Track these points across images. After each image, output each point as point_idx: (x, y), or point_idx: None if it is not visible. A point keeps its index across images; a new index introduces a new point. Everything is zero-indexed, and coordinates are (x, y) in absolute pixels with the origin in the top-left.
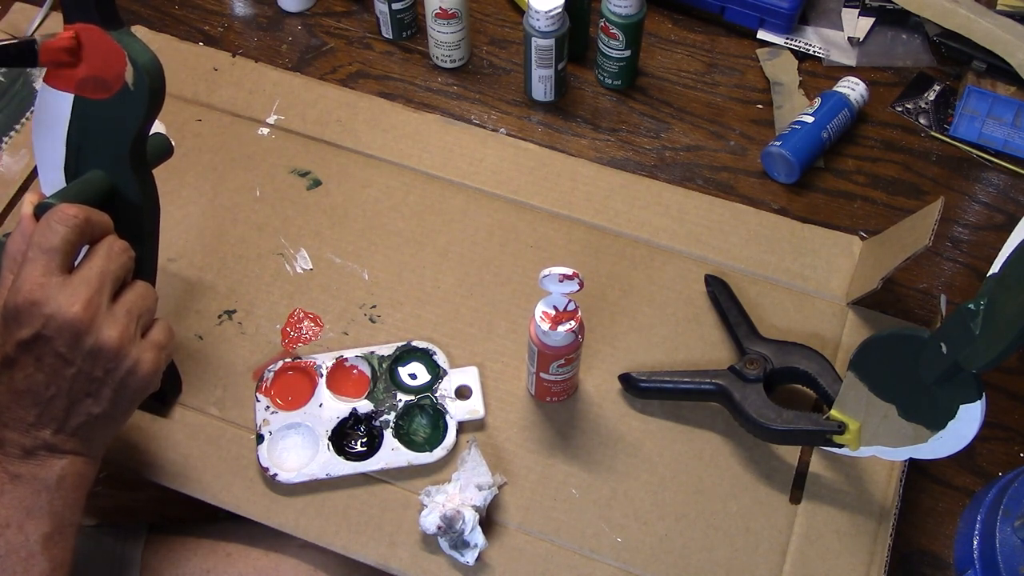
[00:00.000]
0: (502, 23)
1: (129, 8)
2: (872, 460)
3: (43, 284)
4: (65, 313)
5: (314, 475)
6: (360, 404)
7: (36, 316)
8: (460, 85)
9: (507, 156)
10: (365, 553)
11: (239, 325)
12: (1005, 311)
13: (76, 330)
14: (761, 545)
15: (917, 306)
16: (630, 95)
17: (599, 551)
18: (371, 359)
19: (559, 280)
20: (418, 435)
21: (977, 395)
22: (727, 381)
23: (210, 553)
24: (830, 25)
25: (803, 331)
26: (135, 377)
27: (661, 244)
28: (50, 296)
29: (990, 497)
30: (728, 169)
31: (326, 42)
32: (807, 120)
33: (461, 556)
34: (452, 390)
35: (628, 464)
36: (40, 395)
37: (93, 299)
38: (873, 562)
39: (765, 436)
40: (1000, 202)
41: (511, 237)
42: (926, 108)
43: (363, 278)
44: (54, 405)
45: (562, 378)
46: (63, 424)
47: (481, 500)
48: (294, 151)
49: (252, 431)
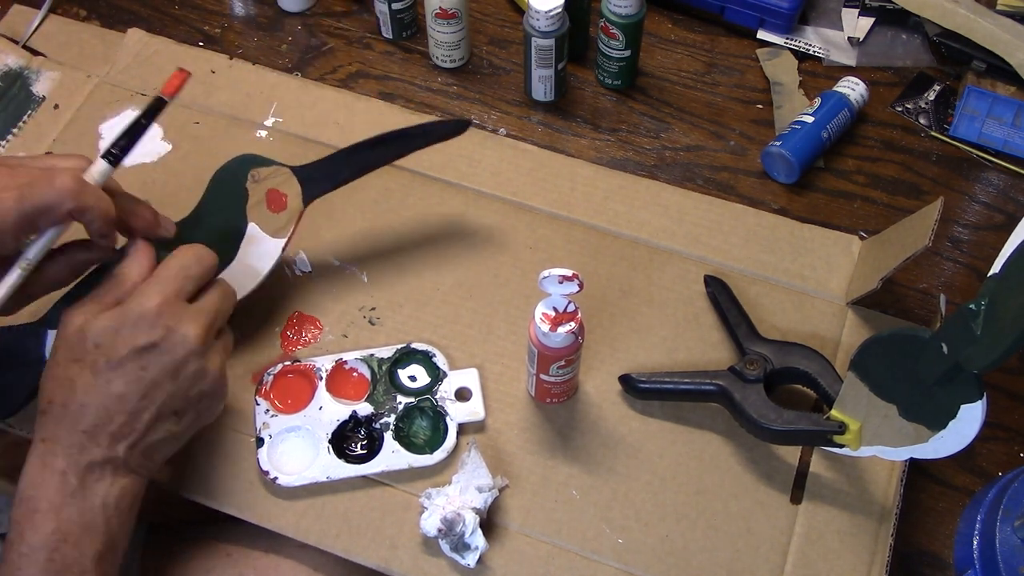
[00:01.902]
0: (502, 23)
1: (129, 8)
2: (872, 460)
3: (172, 303)
4: (186, 333)
5: (314, 478)
6: (360, 407)
7: (158, 327)
8: (460, 85)
9: (506, 157)
10: (366, 556)
11: (237, 328)
12: (1006, 311)
13: (189, 351)
14: (762, 545)
15: (917, 306)
16: (630, 95)
17: (600, 552)
18: (371, 361)
19: (559, 281)
20: (418, 437)
21: (978, 395)
22: (727, 382)
23: (210, 553)
24: (830, 25)
25: (803, 331)
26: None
27: (660, 245)
28: (175, 314)
29: (990, 497)
30: (728, 169)
31: (326, 42)
32: (807, 120)
33: (462, 558)
34: (452, 392)
35: (629, 465)
36: (132, 404)
37: (209, 330)
38: (874, 562)
39: (765, 436)
40: (1000, 202)
41: (510, 238)
42: (926, 108)
43: (362, 280)
44: (140, 418)
45: (562, 379)
46: (140, 439)
47: (481, 502)
48: (292, 153)
49: (252, 434)
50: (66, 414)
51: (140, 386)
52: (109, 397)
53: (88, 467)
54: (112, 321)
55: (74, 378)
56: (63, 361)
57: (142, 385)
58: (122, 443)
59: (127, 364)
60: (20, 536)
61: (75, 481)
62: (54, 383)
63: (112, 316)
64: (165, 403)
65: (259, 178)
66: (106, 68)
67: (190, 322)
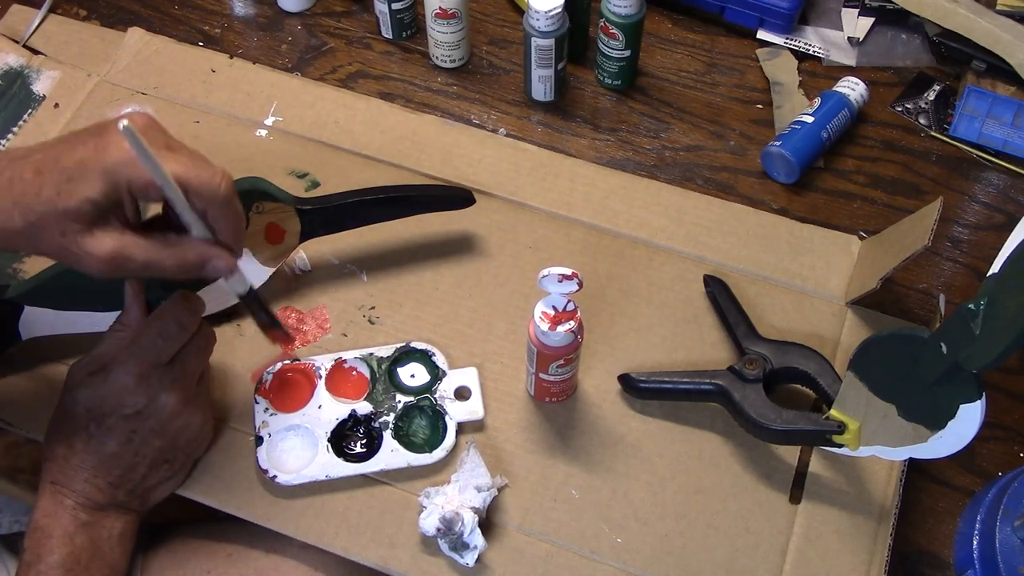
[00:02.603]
0: (502, 23)
1: (129, 8)
2: (872, 460)
3: (151, 372)
4: (167, 398)
5: (314, 477)
6: (359, 405)
7: (140, 396)
8: (460, 85)
9: (505, 157)
10: (365, 555)
11: (237, 327)
12: (1005, 311)
13: (173, 413)
14: (761, 545)
15: (916, 306)
16: (630, 95)
17: (599, 552)
18: (370, 360)
19: (558, 280)
20: (417, 436)
21: (977, 395)
22: (726, 381)
23: (211, 554)
24: (830, 25)
25: (802, 331)
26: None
27: (660, 244)
28: (155, 382)
29: (990, 497)
30: (728, 169)
31: (326, 42)
32: (807, 120)
33: (461, 558)
34: (451, 391)
35: (628, 465)
36: (126, 461)
37: (189, 389)
38: (873, 562)
39: (765, 436)
40: (1000, 202)
41: (509, 238)
42: (926, 108)
43: (362, 279)
44: (135, 471)
45: (561, 378)
46: (138, 485)
47: (480, 502)
48: (292, 153)
49: (251, 433)
50: (68, 466)
51: (131, 446)
52: (104, 456)
53: (95, 506)
54: (99, 391)
55: (71, 437)
56: (62, 419)
57: (133, 445)
58: (121, 490)
59: (116, 429)
60: (37, 558)
61: (85, 516)
62: (57, 438)
63: (98, 385)
64: (156, 456)
65: (262, 210)
66: (106, 67)
67: (169, 388)
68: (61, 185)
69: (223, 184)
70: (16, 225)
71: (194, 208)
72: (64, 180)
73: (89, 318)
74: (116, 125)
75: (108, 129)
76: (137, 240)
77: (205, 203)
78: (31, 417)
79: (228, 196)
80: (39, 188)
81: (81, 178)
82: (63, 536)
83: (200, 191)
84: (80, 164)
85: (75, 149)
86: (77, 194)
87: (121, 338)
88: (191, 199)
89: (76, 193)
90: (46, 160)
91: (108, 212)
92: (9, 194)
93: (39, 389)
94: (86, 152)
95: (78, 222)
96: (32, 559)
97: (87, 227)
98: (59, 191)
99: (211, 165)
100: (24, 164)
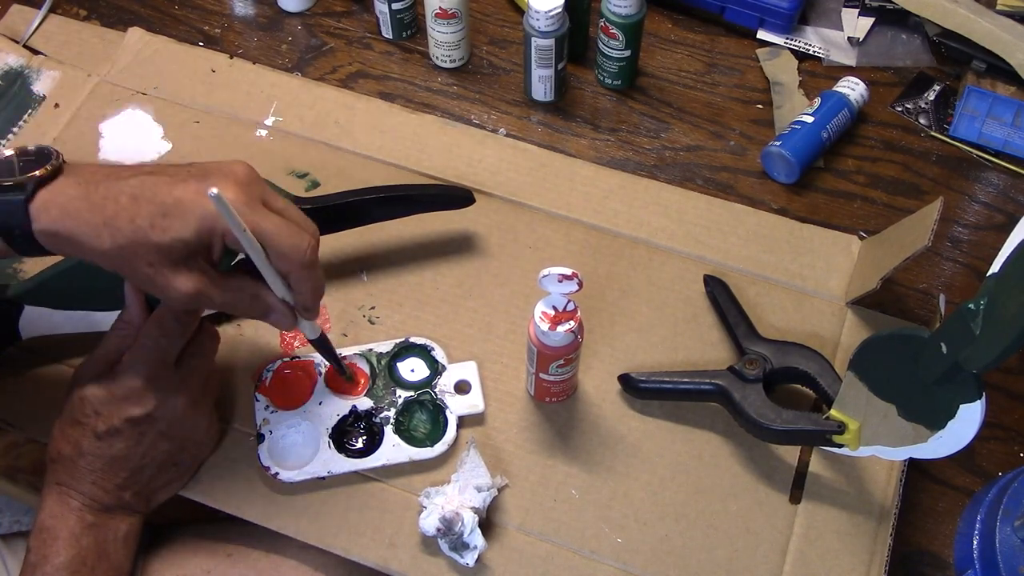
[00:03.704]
0: (502, 23)
1: (129, 8)
2: (872, 460)
3: (159, 373)
4: (176, 400)
5: (315, 473)
6: (360, 401)
7: (149, 400)
8: (460, 85)
9: (505, 157)
10: (365, 555)
11: (238, 327)
12: (1005, 311)
13: (181, 415)
14: (761, 545)
15: (917, 306)
16: (630, 95)
17: (599, 552)
18: (369, 356)
19: (558, 280)
20: (418, 431)
21: (977, 395)
22: (726, 381)
23: (211, 554)
24: (830, 25)
25: (802, 331)
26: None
27: (660, 244)
28: (164, 384)
29: (990, 497)
30: (728, 169)
31: (326, 42)
32: (807, 120)
33: (461, 558)
34: (451, 385)
35: (628, 465)
36: (134, 463)
37: (196, 388)
38: (873, 562)
39: (765, 436)
40: (1000, 202)
41: (509, 238)
42: (926, 108)
43: (362, 279)
44: (143, 472)
45: (561, 378)
46: (144, 487)
47: (480, 502)
48: (292, 153)
49: (252, 432)
50: (75, 468)
51: (139, 448)
52: (111, 458)
53: (101, 508)
54: (106, 392)
55: (79, 439)
56: (69, 421)
57: (141, 447)
58: (128, 491)
59: (124, 431)
60: (44, 559)
61: (91, 517)
62: (62, 439)
63: (106, 386)
64: (164, 458)
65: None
66: (106, 67)
67: (177, 391)
68: (156, 218)
69: (309, 250)
70: (104, 245)
71: (277, 269)
72: (160, 214)
73: (89, 318)
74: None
75: (212, 174)
76: (218, 284)
77: (289, 267)
78: (31, 417)
79: (312, 262)
80: (133, 215)
81: (178, 216)
82: (69, 537)
83: (286, 254)
84: (178, 203)
85: (175, 185)
86: (171, 232)
87: (123, 337)
88: (275, 260)
89: (170, 231)
90: (143, 188)
91: (197, 253)
92: (102, 213)
93: (39, 389)
94: (186, 193)
95: (168, 257)
96: (38, 560)
97: (175, 264)
98: (153, 224)
99: (302, 228)
100: (120, 186)
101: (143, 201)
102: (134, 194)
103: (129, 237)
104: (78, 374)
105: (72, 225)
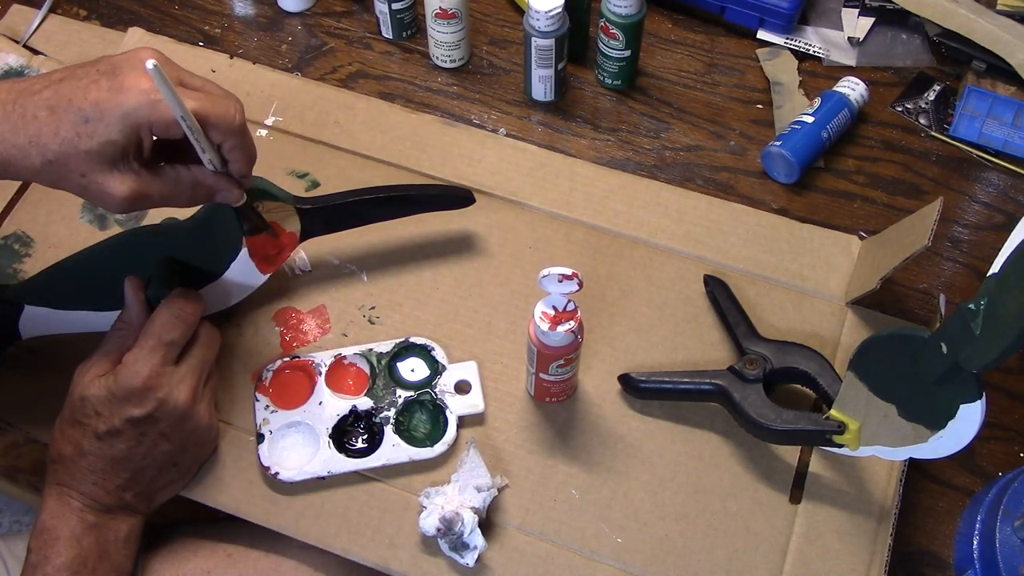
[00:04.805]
0: (502, 23)
1: (129, 8)
2: (872, 460)
3: (160, 373)
4: (176, 400)
5: (315, 472)
6: (360, 401)
7: (150, 400)
8: (460, 85)
9: (505, 157)
10: (365, 555)
11: (237, 327)
12: (1005, 311)
13: (182, 415)
14: (761, 545)
15: (917, 306)
16: (630, 95)
17: (599, 552)
18: (370, 356)
19: (558, 280)
20: (418, 431)
21: (977, 395)
22: (726, 381)
23: (211, 554)
24: (830, 25)
25: (802, 331)
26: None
27: (660, 244)
28: (164, 383)
29: (990, 497)
30: (728, 169)
31: (326, 42)
32: (807, 120)
33: (461, 558)
34: (451, 385)
35: (628, 464)
36: (135, 463)
37: (197, 387)
38: (873, 562)
39: (765, 436)
40: (1000, 202)
41: (509, 238)
42: (926, 108)
43: (362, 279)
44: (144, 473)
45: (561, 378)
46: (145, 487)
47: (480, 502)
48: (292, 152)
49: (252, 432)
50: (76, 469)
51: (140, 448)
52: (112, 459)
53: (102, 508)
54: (107, 392)
55: (80, 440)
56: (70, 421)
57: (141, 448)
58: (129, 492)
59: (125, 432)
60: (45, 559)
61: (92, 518)
62: (63, 440)
63: (107, 387)
64: (164, 458)
65: (263, 209)
66: None
67: (178, 389)
68: (79, 126)
69: (238, 115)
70: (34, 163)
71: (211, 141)
72: (82, 121)
73: (89, 318)
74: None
75: (122, 69)
76: (153, 178)
77: (223, 136)
78: (31, 417)
79: (243, 127)
80: (56, 128)
81: (100, 120)
82: (70, 538)
83: (218, 125)
84: (96, 106)
85: (88, 89)
86: (97, 136)
87: (123, 337)
88: (209, 132)
89: (96, 135)
90: (59, 98)
91: (127, 152)
92: (24, 132)
93: (39, 389)
94: (100, 94)
95: (99, 163)
96: (39, 560)
97: (107, 168)
98: (77, 132)
99: (225, 97)
100: (35, 100)
101: (61, 111)
102: (50, 106)
103: (56, 151)
104: (78, 374)
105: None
